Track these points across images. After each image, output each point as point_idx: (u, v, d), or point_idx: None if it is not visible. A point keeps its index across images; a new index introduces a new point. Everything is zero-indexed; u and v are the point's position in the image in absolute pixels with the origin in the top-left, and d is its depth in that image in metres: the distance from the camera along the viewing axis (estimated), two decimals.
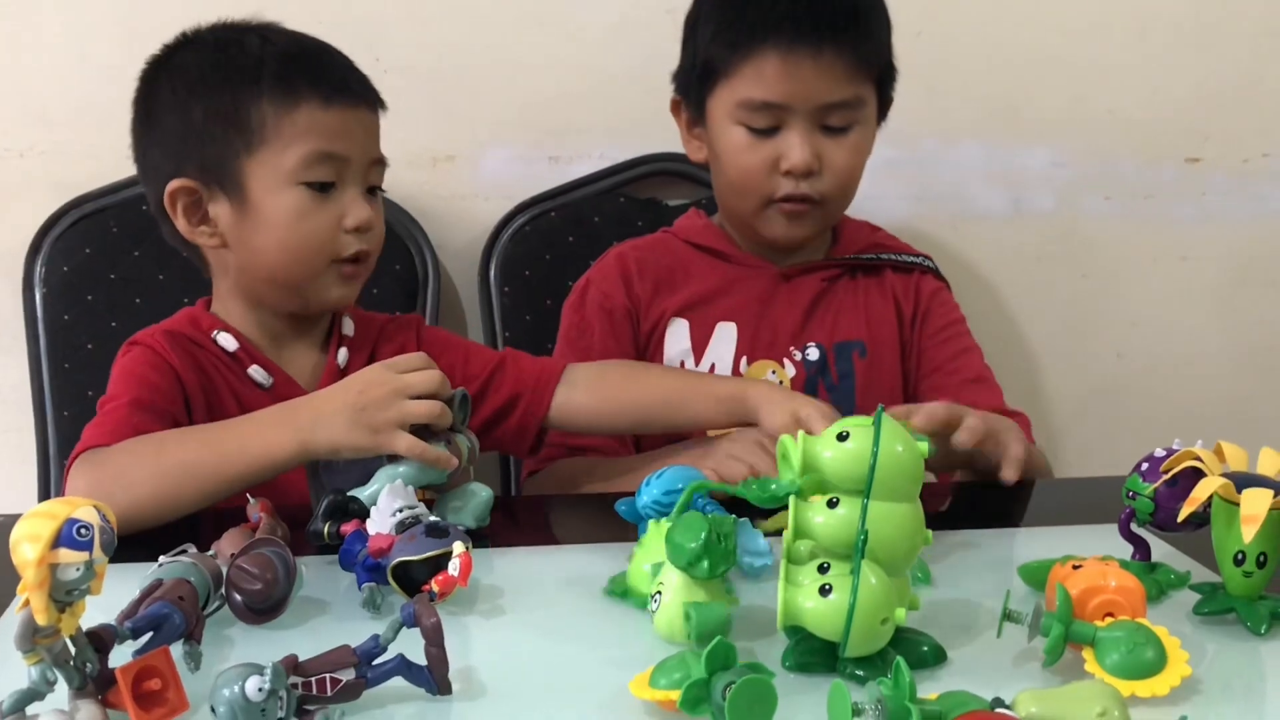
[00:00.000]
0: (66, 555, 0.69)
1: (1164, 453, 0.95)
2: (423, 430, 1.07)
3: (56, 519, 0.69)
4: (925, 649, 0.83)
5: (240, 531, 0.94)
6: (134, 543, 1.10)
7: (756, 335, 1.50)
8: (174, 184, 1.24)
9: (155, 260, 1.65)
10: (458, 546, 0.89)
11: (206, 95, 1.23)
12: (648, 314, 1.53)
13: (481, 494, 1.11)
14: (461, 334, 1.83)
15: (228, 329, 1.29)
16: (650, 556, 0.91)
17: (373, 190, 1.29)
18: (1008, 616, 0.83)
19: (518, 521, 1.26)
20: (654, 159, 1.79)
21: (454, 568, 0.88)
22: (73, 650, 0.72)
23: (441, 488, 1.10)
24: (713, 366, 1.50)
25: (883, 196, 1.65)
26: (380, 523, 0.94)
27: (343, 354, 1.32)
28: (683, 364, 1.50)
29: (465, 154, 1.80)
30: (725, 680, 0.72)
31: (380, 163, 1.30)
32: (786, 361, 1.50)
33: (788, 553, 0.81)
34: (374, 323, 1.38)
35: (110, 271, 1.67)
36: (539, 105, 1.80)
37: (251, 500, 1.01)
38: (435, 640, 0.77)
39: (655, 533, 0.92)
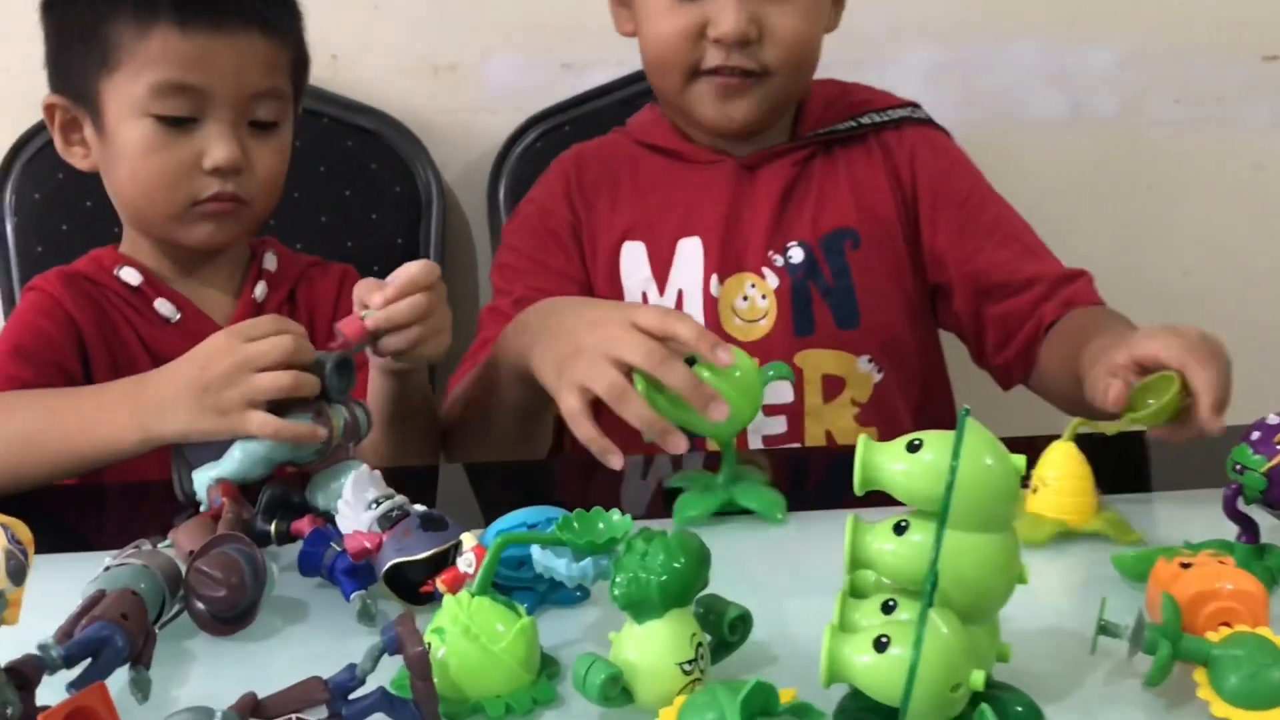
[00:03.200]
0: None
1: (1277, 419, 0.82)
2: (288, 401, 0.93)
3: None
4: (1019, 709, 0.66)
5: (200, 523, 0.81)
6: (84, 530, 1.01)
7: (726, 246, 1.28)
8: (48, 98, 1.21)
9: None
10: (468, 539, 0.77)
11: (75, 8, 1.17)
12: (596, 234, 1.32)
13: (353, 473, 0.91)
14: (470, 261, 1.71)
15: (132, 263, 1.23)
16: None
17: (264, 125, 1.17)
18: (1103, 629, 0.70)
19: (494, 500, 1.08)
20: None
21: (467, 563, 0.75)
22: None
23: (312, 465, 0.94)
24: (680, 294, 1.28)
25: (927, 101, 1.49)
26: (354, 518, 0.80)
27: (260, 288, 1.26)
28: (644, 296, 1.29)
29: (469, 62, 1.67)
30: None
31: (271, 95, 1.17)
32: (766, 270, 1.28)
33: (854, 585, 0.68)
34: (298, 263, 1.31)
35: (86, 198, 1.53)
36: (549, 5, 1.66)
37: (184, 482, 0.89)
38: (422, 673, 0.64)
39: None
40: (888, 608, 0.65)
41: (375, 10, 1.63)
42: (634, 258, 1.30)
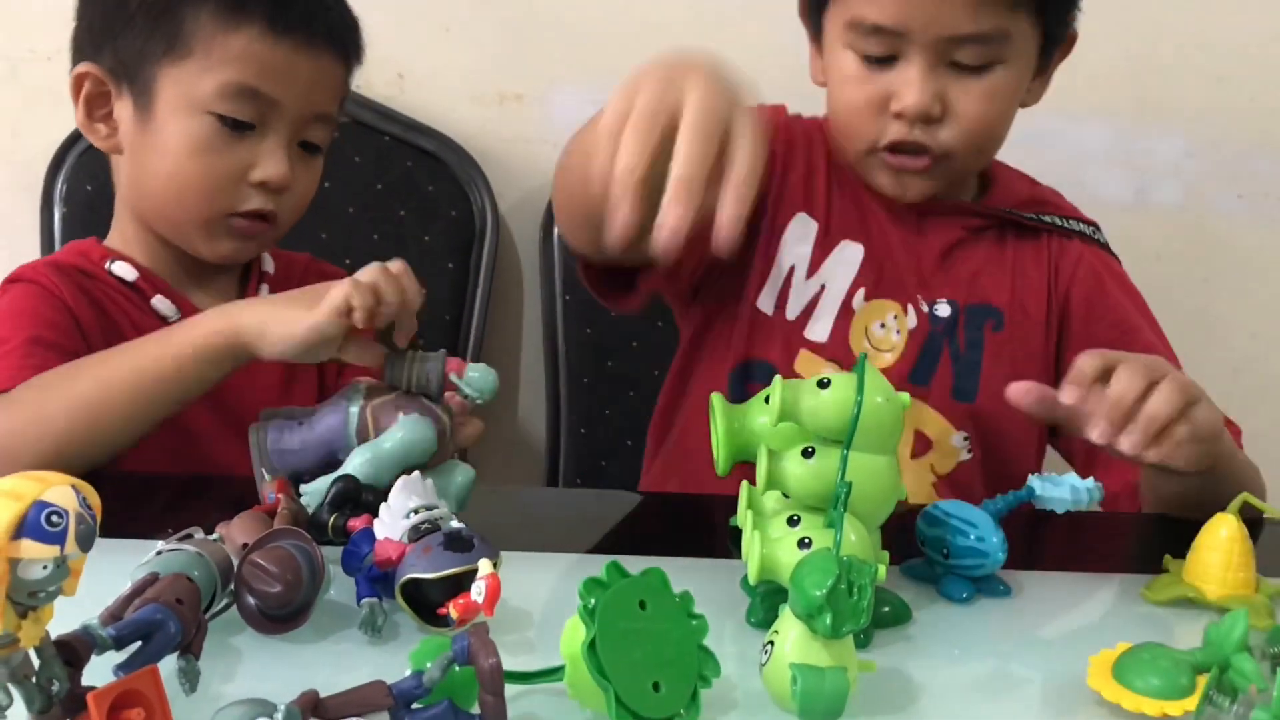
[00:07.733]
0: (31, 549, 0.54)
1: None
2: (388, 343, 0.92)
3: (21, 501, 0.54)
4: (886, 609, 0.80)
5: (254, 516, 0.78)
6: (134, 517, 0.97)
7: (883, 269, 1.24)
8: (83, 67, 1.12)
9: None
10: (484, 565, 0.70)
11: None
12: (785, 184, 1.24)
13: (459, 475, 0.90)
14: (519, 293, 1.68)
15: (124, 258, 1.16)
16: None
17: (310, 148, 1.14)
18: (1209, 701, 0.66)
19: (542, 518, 1.06)
20: None
21: (478, 592, 0.69)
22: (36, 664, 0.57)
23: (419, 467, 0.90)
24: (822, 288, 1.24)
25: None
26: (390, 524, 0.76)
27: (264, 292, 1.21)
28: (792, 269, 1.24)
29: (535, 93, 1.65)
30: None
31: (326, 120, 1.14)
32: (910, 308, 1.23)
33: (754, 505, 0.78)
34: (296, 263, 1.27)
35: None
36: (622, 42, 1.63)
37: (266, 477, 0.85)
38: (494, 688, 0.61)
39: None
40: (792, 522, 0.75)
41: (446, 33, 1.61)
42: (803, 230, 1.24)
